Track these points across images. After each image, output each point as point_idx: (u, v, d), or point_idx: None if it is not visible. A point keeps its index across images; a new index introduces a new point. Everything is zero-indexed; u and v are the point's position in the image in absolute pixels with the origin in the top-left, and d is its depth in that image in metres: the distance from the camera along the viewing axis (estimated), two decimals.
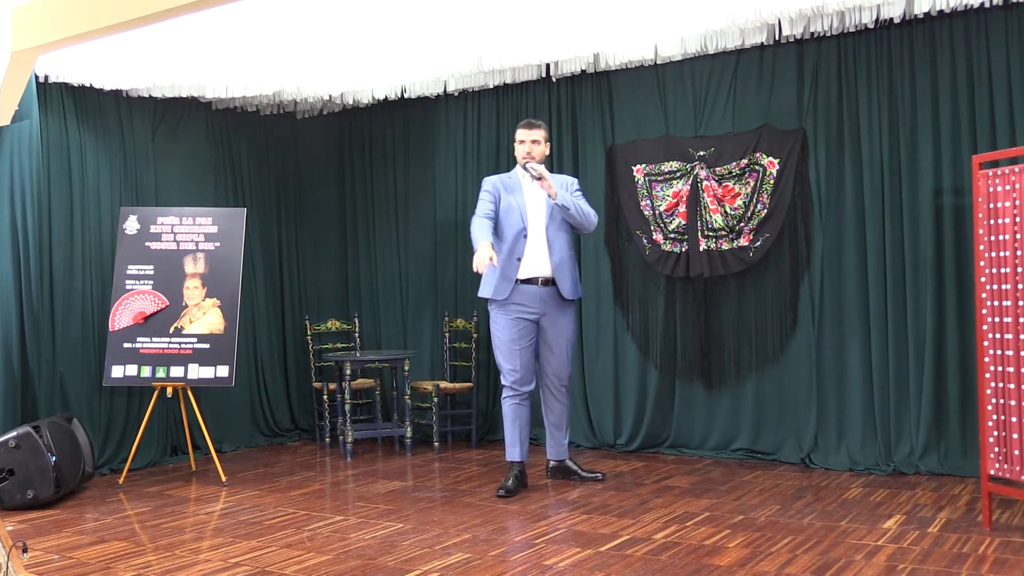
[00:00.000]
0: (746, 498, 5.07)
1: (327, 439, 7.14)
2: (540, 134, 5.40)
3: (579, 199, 5.42)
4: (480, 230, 5.22)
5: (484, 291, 5.40)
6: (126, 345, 5.98)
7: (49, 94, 6.06)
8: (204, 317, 6.06)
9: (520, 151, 5.37)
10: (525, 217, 5.36)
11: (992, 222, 4.28)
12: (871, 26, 5.53)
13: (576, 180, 5.57)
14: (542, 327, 5.40)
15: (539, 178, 5.25)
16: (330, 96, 6.93)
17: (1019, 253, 4.14)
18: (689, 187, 6.24)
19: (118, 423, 6.35)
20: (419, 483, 5.74)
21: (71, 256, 6.16)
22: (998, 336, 4.25)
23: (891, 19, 5.40)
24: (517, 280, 5.32)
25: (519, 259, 5.33)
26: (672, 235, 6.30)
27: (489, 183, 5.48)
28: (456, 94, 7.10)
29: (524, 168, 5.31)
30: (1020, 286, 4.14)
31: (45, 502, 5.26)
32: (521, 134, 5.39)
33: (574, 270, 5.46)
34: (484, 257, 5.00)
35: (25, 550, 3.84)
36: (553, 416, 5.53)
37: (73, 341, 6.11)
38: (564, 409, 5.53)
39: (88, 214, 6.28)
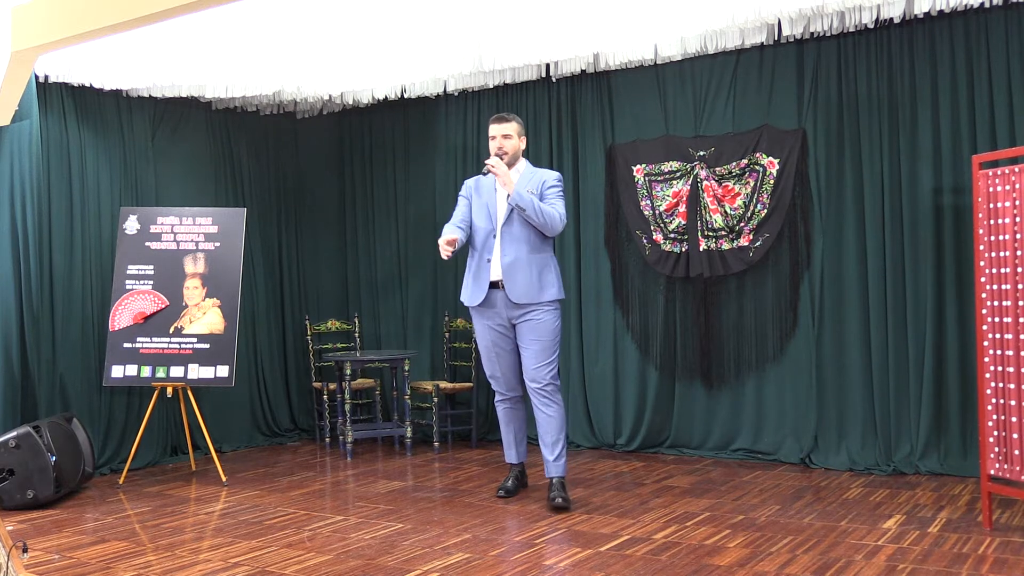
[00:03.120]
0: (746, 498, 5.07)
1: (327, 439, 7.14)
2: (511, 128, 5.11)
3: (551, 198, 5.04)
4: (445, 228, 5.15)
5: (462, 296, 5.20)
6: (126, 345, 5.98)
7: (49, 94, 6.06)
8: (204, 317, 6.05)
9: (491, 147, 5.12)
10: (494, 217, 5.10)
11: (992, 222, 4.28)
12: (871, 26, 5.54)
13: (556, 176, 5.13)
14: (517, 329, 5.08)
15: (486, 173, 5.03)
16: (330, 96, 6.93)
17: (1019, 253, 4.14)
18: (689, 187, 6.24)
19: (118, 423, 6.35)
20: (419, 483, 5.74)
21: (71, 256, 6.16)
22: (998, 336, 4.25)
23: (891, 19, 5.40)
24: (490, 284, 5.05)
25: (488, 260, 5.06)
26: (672, 235, 6.30)
27: (465, 187, 5.28)
28: (456, 94, 7.10)
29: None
30: (1020, 286, 4.14)
31: (45, 502, 5.26)
32: (492, 129, 5.13)
33: (534, 272, 5.00)
34: (442, 241, 4.94)
35: (25, 550, 3.84)
36: (539, 427, 5.07)
37: (73, 341, 6.11)
38: (548, 420, 5.01)
39: (88, 214, 6.28)
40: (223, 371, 5.97)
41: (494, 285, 5.06)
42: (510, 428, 5.29)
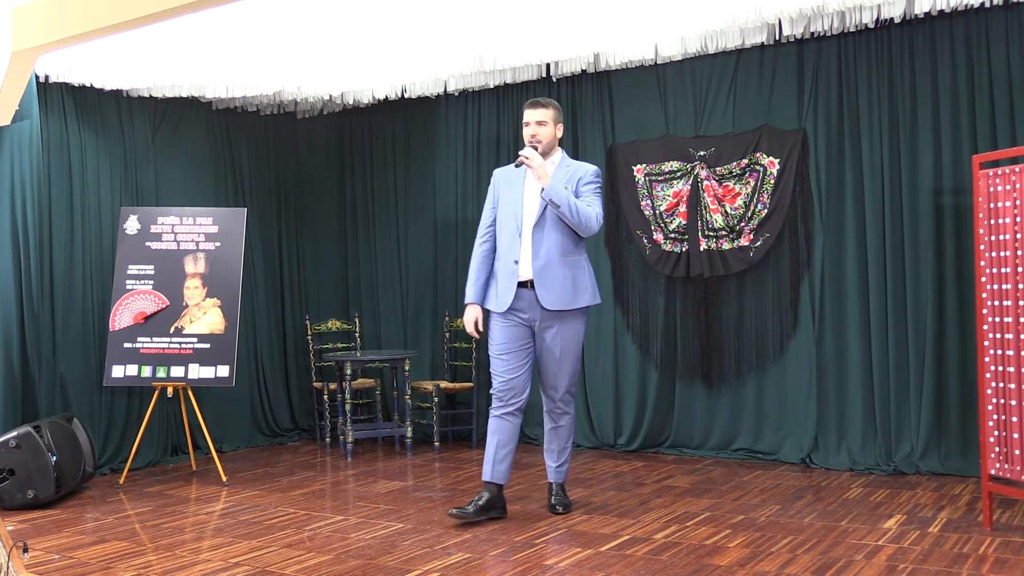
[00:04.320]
0: (746, 498, 5.07)
1: (327, 439, 7.14)
2: (546, 114, 4.72)
3: (588, 196, 4.68)
4: (470, 275, 4.83)
5: (488, 302, 4.82)
6: (126, 345, 5.98)
7: (49, 94, 6.06)
8: (204, 317, 6.06)
9: (525, 134, 4.74)
10: (520, 215, 4.71)
11: (992, 222, 4.28)
12: (871, 26, 5.53)
13: (594, 171, 4.77)
14: (536, 334, 4.72)
15: (518, 165, 4.70)
16: (330, 96, 6.93)
17: (1019, 253, 4.14)
18: (689, 187, 6.24)
19: (118, 423, 6.35)
20: (419, 483, 5.74)
21: (71, 256, 6.16)
22: (998, 336, 4.25)
23: (891, 19, 5.40)
24: (519, 283, 4.67)
25: (516, 262, 4.67)
26: (672, 235, 6.30)
27: (493, 181, 4.90)
28: (456, 94, 7.10)
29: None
30: (1020, 286, 4.14)
31: (45, 502, 5.26)
32: (526, 115, 4.75)
33: (568, 278, 4.65)
34: (469, 324, 4.78)
35: (25, 550, 3.84)
36: (546, 435, 4.89)
37: (73, 341, 6.11)
38: (556, 430, 4.82)
39: (88, 214, 6.28)
40: (223, 371, 5.97)
41: (523, 284, 4.68)
42: (494, 439, 4.72)
